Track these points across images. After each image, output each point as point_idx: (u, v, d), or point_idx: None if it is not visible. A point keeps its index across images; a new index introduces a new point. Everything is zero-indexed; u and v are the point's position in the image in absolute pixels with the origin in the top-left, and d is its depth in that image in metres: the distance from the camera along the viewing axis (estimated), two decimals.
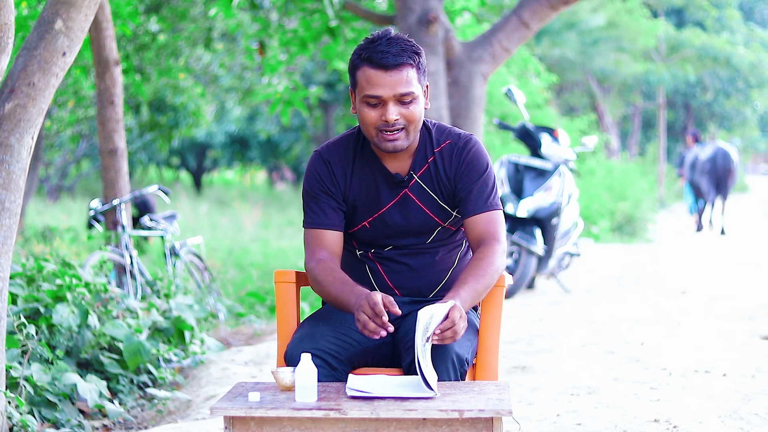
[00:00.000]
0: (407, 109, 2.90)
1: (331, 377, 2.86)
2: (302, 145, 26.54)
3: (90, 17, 3.82)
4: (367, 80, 2.89)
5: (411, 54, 2.89)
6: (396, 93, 2.87)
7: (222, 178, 36.75)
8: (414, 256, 3.09)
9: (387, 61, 2.86)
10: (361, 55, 2.90)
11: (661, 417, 4.22)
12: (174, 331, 5.69)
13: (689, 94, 29.96)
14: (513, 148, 14.64)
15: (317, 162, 3.06)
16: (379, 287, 3.11)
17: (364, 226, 3.06)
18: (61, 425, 4.32)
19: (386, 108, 2.89)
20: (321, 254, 2.99)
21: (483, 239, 2.97)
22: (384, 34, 2.91)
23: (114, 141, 7.00)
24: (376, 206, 3.04)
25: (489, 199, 3.00)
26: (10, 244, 3.65)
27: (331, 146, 3.08)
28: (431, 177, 3.03)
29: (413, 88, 2.89)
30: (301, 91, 9.96)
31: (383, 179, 3.03)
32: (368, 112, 2.91)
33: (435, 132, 3.06)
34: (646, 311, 7.51)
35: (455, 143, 3.04)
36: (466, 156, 3.02)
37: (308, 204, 3.05)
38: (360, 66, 2.91)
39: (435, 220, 3.05)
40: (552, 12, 8.68)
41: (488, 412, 2.45)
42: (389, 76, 2.87)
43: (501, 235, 2.99)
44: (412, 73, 2.89)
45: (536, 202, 8.26)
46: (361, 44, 2.93)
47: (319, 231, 3.02)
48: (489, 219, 2.99)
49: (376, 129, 2.92)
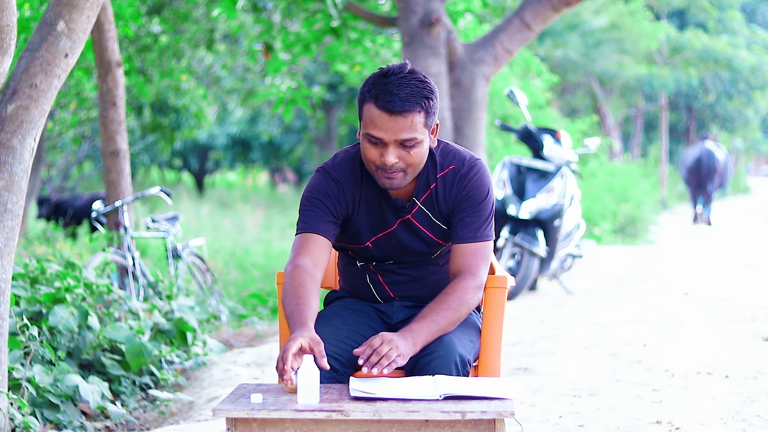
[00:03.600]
0: (408, 153, 2.84)
1: (333, 379, 2.85)
2: (304, 146, 26.54)
3: (92, 19, 3.83)
4: (370, 119, 2.82)
5: (420, 99, 2.80)
6: (398, 138, 2.81)
7: (224, 179, 36.76)
8: (416, 268, 3.08)
9: (393, 107, 2.78)
10: (371, 91, 2.82)
11: (663, 418, 4.22)
12: (176, 333, 5.69)
13: (691, 95, 29.94)
14: (515, 150, 14.63)
15: (325, 179, 2.98)
16: (379, 295, 3.11)
17: (368, 246, 3.05)
18: (63, 427, 4.32)
19: (387, 149, 2.83)
20: (301, 260, 2.89)
21: (460, 271, 2.93)
22: (399, 71, 2.82)
23: (116, 142, 7.00)
24: (380, 228, 3.02)
25: (480, 229, 2.95)
26: (12, 245, 3.66)
27: (338, 165, 3.00)
28: (433, 202, 2.99)
29: (417, 134, 2.82)
30: (304, 91, 9.96)
31: (387, 203, 3.00)
32: (369, 148, 2.86)
33: (439, 156, 2.99)
34: (648, 313, 7.50)
35: (458, 169, 2.97)
36: (467, 183, 2.96)
37: (304, 213, 2.97)
38: (367, 101, 2.83)
39: (438, 242, 3.04)
40: (554, 13, 8.68)
41: (491, 413, 2.45)
42: (393, 120, 2.79)
43: (479, 270, 2.93)
44: (418, 119, 2.81)
45: (538, 203, 8.26)
46: (373, 76, 2.85)
47: (307, 235, 2.93)
48: (473, 251, 2.94)
49: (375, 166, 2.87)
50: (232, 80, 17.56)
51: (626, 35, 23.09)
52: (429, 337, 2.80)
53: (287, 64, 10.19)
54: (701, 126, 33.28)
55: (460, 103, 8.81)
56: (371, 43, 10.46)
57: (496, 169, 8.66)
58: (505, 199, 8.31)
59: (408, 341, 2.74)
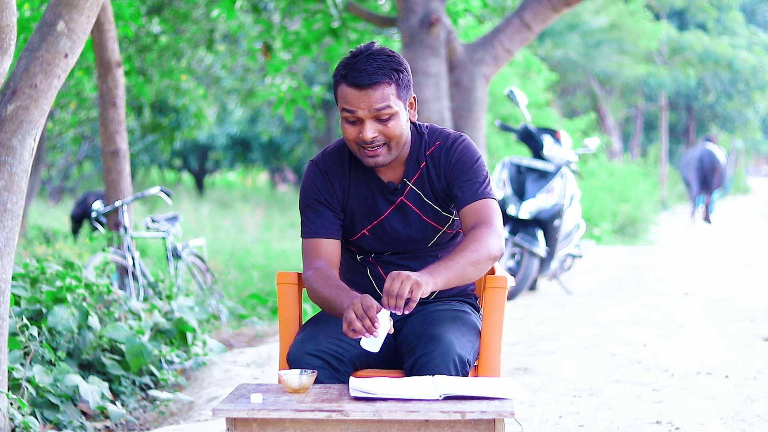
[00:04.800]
0: (385, 126, 2.89)
1: (333, 379, 2.86)
2: (304, 146, 26.53)
3: (92, 19, 3.83)
4: (343, 98, 2.89)
5: (389, 71, 2.87)
6: (372, 110, 2.86)
7: (224, 179, 36.75)
8: (415, 260, 3.09)
9: (362, 80, 2.85)
10: (341, 72, 2.89)
11: (663, 419, 4.22)
12: (176, 333, 5.70)
13: (691, 95, 29.94)
14: (515, 150, 14.64)
15: (314, 173, 3.05)
16: (380, 289, 3.11)
17: (364, 234, 3.06)
18: (63, 427, 4.32)
19: (364, 125, 2.88)
20: (318, 263, 2.97)
21: (474, 225, 2.92)
22: (365, 49, 2.90)
23: (116, 143, 7.00)
24: (374, 215, 3.04)
25: (480, 188, 2.97)
26: (12, 245, 3.66)
27: (326, 156, 3.07)
28: (425, 182, 3.02)
29: (390, 103, 2.87)
30: (304, 91, 9.96)
31: (378, 188, 3.03)
32: (348, 128, 2.91)
33: (427, 135, 3.05)
34: (647, 313, 7.51)
35: (443, 144, 3.02)
36: (454, 153, 3.00)
37: (305, 214, 3.04)
38: (339, 83, 2.91)
39: (433, 225, 3.05)
40: (554, 13, 8.68)
41: (490, 413, 2.45)
42: (364, 94, 2.85)
43: (494, 220, 2.92)
44: (389, 90, 2.87)
45: (538, 203, 8.26)
46: (343, 60, 2.93)
47: (316, 240, 3.00)
48: (481, 206, 2.94)
49: (356, 145, 2.92)
50: (232, 80, 17.56)
51: (626, 35, 23.10)
52: (447, 272, 2.76)
53: (287, 64, 10.19)
54: (701, 126, 33.28)
55: (460, 103, 8.81)
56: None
57: (496, 169, 8.66)
58: (505, 199, 8.31)
59: (424, 274, 2.71)
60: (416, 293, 2.65)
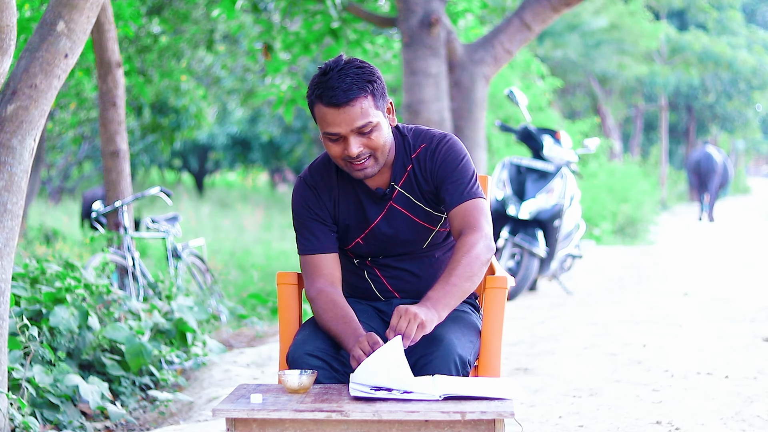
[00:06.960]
0: (369, 139, 2.88)
1: (333, 379, 2.86)
2: (304, 146, 26.52)
3: (92, 19, 3.83)
4: (322, 118, 2.87)
5: (363, 84, 2.84)
6: (353, 128, 2.85)
7: (224, 180, 36.75)
8: (411, 261, 3.09)
9: (338, 99, 2.82)
10: (315, 92, 2.87)
11: (663, 419, 4.22)
12: (176, 333, 5.69)
13: (691, 96, 29.93)
14: (515, 150, 14.63)
15: (303, 189, 3.05)
16: (378, 291, 3.12)
17: (358, 243, 3.07)
18: (63, 427, 4.32)
19: (347, 142, 2.86)
20: (320, 282, 2.98)
21: (462, 231, 2.93)
22: (335, 65, 2.86)
23: (116, 143, 7.00)
24: (365, 223, 3.04)
25: (466, 189, 2.96)
26: (12, 245, 3.66)
27: (313, 171, 3.07)
28: (413, 185, 3.02)
29: (370, 118, 2.85)
30: (304, 90, 9.96)
31: (367, 196, 3.03)
32: (331, 146, 2.90)
33: (411, 138, 3.04)
34: (647, 313, 7.51)
35: (428, 146, 3.01)
36: (439, 154, 2.99)
37: (300, 231, 3.04)
38: (315, 103, 2.88)
39: (425, 226, 3.05)
40: (554, 14, 8.68)
41: (490, 413, 2.45)
42: (343, 112, 2.83)
43: (480, 222, 2.93)
44: (366, 103, 2.85)
45: (538, 204, 8.26)
46: (314, 78, 2.89)
47: (314, 257, 3.01)
48: (467, 208, 2.95)
49: (343, 161, 2.91)
50: (232, 80, 17.55)
51: (626, 35, 23.09)
52: (449, 299, 2.80)
53: (287, 64, 10.19)
54: (701, 126, 33.27)
55: (460, 103, 8.81)
56: (370, 44, 10.46)
57: (496, 169, 8.66)
58: (505, 200, 8.31)
59: (428, 308, 2.75)
60: (419, 335, 2.71)
